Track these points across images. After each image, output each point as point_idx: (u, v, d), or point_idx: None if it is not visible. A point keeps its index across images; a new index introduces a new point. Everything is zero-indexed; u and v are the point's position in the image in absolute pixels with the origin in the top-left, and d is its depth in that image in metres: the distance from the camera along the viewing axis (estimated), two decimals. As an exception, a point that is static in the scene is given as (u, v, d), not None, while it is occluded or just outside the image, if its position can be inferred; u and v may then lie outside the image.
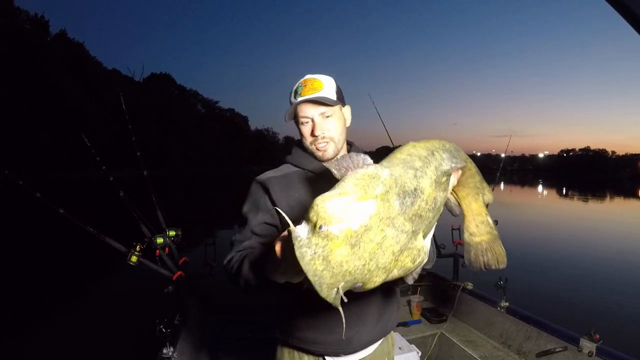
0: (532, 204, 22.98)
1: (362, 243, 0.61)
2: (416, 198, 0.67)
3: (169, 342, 1.91)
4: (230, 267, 1.03)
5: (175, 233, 2.52)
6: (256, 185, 1.15)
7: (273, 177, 1.14)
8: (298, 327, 1.15)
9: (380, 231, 0.62)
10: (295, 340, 1.17)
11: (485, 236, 1.12)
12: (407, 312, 2.92)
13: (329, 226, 0.60)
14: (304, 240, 0.61)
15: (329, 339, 1.13)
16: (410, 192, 0.67)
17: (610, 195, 33.57)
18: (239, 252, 1.05)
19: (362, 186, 0.64)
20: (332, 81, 1.15)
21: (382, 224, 0.62)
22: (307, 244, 0.60)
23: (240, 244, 1.07)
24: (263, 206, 1.12)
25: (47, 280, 6.03)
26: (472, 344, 2.46)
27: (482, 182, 1.09)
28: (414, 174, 0.69)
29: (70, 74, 34.39)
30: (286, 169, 1.18)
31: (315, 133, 1.10)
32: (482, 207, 1.11)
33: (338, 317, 1.07)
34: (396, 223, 0.64)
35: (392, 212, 0.63)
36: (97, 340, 3.86)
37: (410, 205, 0.66)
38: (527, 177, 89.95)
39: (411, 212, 0.66)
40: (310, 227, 0.62)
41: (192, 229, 3.10)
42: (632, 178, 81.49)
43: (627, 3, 0.54)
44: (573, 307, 5.07)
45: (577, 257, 8.23)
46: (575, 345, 2.05)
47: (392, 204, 0.64)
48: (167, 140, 45.88)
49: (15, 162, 23.93)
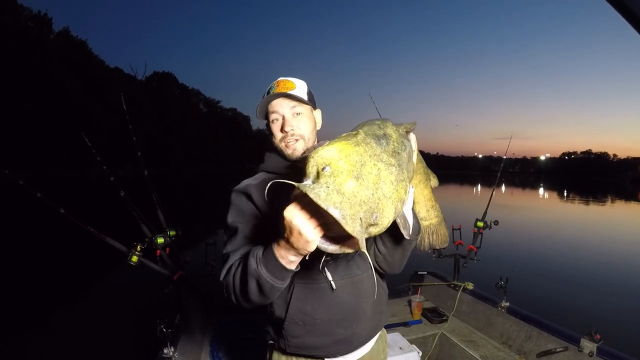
0: (533, 207, 22.96)
1: (364, 175, 0.71)
2: (388, 139, 0.80)
3: (170, 342, 1.92)
4: (232, 277, 0.97)
5: (176, 233, 2.52)
6: (237, 194, 1.12)
7: (251, 184, 1.12)
8: (295, 334, 1.12)
9: (373, 165, 0.73)
10: (293, 348, 1.14)
11: (434, 219, 1.25)
12: (407, 312, 2.92)
13: (331, 165, 0.71)
14: (314, 184, 0.69)
15: (328, 340, 1.12)
16: (381, 135, 0.80)
17: (612, 198, 33.53)
18: (236, 260, 1.00)
19: (344, 138, 0.77)
20: (304, 84, 1.18)
21: (371, 159, 0.73)
22: (318, 186, 0.69)
23: (236, 254, 1.02)
24: (249, 211, 1.08)
25: (47, 280, 6.04)
26: (472, 344, 2.46)
27: (427, 168, 1.20)
28: (377, 127, 0.83)
29: (72, 72, 34.44)
30: (262, 176, 1.17)
31: (285, 129, 1.11)
32: (431, 193, 1.23)
33: (335, 317, 1.08)
34: (382, 158, 0.75)
35: (375, 150, 0.75)
36: (98, 340, 3.86)
37: (386, 144, 0.79)
38: (528, 179, 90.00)
39: (390, 149, 0.79)
40: (313, 176, 0.72)
41: (192, 229, 3.11)
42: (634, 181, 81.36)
43: (629, 4, 0.53)
44: (574, 307, 5.06)
45: (578, 258, 8.23)
46: (575, 345, 2.05)
47: (372, 144, 0.76)
48: (168, 139, 45.92)
49: (16, 160, 24.01)
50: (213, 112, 70.59)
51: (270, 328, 1.20)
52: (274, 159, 1.18)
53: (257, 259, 0.88)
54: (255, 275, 0.88)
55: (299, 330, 1.11)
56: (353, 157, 0.73)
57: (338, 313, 1.10)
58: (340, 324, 1.11)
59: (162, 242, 2.40)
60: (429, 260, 2.81)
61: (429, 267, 3.22)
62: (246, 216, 1.07)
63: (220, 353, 2.34)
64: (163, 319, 1.92)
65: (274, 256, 0.84)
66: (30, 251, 7.97)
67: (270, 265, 0.86)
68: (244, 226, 1.06)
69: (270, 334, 1.20)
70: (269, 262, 0.86)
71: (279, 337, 1.16)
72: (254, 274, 0.88)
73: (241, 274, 0.93)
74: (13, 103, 27.33)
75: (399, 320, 2.78)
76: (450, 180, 12.80)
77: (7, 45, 28.50)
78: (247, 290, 0.92)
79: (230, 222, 1.09)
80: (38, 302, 5.00)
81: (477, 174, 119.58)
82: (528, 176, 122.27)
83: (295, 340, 1.12)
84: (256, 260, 0.88)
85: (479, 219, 2.91)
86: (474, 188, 36.62)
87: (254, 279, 0.89)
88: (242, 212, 1.09)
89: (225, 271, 1.00)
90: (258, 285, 0.89)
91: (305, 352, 1.14)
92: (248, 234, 1.04)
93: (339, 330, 1.12)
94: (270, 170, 1.16)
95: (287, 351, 1.15)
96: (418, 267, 3.25)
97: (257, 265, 0.88)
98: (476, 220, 2.91)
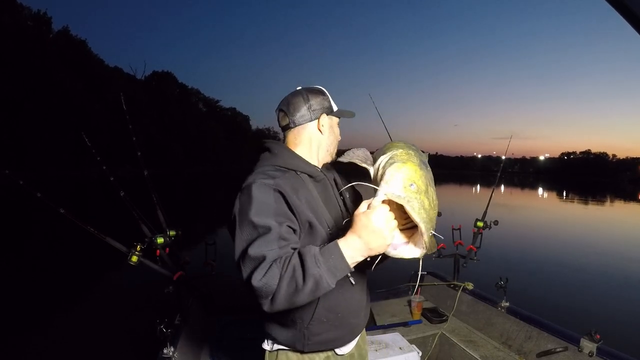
0: (532, 207, 22.97)
1: (430, 196, 0.87)
2: (428, 166, 0.97)
3: (170, 342, 1.92)
4: (275, 279, 0.88)
5: (176, 233, 2.52)
6: (264, 190, 1.03)
7: (280, 180, 1.06)
8: (317, 332, 1.13)
9: (432, 190, 0.88)
10: (312, 346, 1.15)
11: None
12: (407, 312, 2.92)
13: (416, 183, 0.86)
14: (406, 197, 0.84)
15: (344, 332, 1.20)
16: (425, 162, 0.97)
17: (611, 198, 33.53)
18: (274, 261, 0.91)
19: (408, 157, 0.93)
20: None
21: (430, 183, 0.89)
22: (410, 198, 0.83)
23: (272, 254, 0.93)
24: (283, 210, 1.03)
25: (47, 279, 6.04)
26: (472, 344, 2.46)
27: None
28: (417, 151, 1.01)
29: (72, 71, 34.38)
30: (291, 174, 1.13)
31: (338, 138, 1.30)
32: None
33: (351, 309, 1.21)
34: (432, 184, 0.90)
35: (429, 175, 0.91)
36: (98, 340, 3.86)
37: (427, 170, 0.93)
38: (527, 179, 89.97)
39: (429, 175, 0.92)
40: (398, 189, 0.86)
41: (192, 229, 3.11)
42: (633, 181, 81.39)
43: (629, 4, 0.53)
44: (573, 307, 5.07)
45: (578, 258, 8.23)
46: (575, 346, 2.05)
47: (426, 169, 0.92)
48: (168, 139, 45.86)
49: (16, 160, 23.98)
50: (212, 111, 70.48)
51: (283, 332, 1.16)
52: (294, 157, 1.17)
53: (316, 259, 0.87)
54: (315, 277, 0.86)
55: (322, 327, 1.14)
56: (423, 179, 0.88)
57: (353, 305, 1.20)
58: (354, 314, 1.21)
59: (162, 242, 2.40)
60: (429, 260, 2.81)
61: (429, 267, 3.22)
62: (281, 215, 1.01)
63: (220, 353, 2.34)
64: (163, 319, 1.92)
65: (340, 256, 0.87)
66: (30, 251, 7.97)
67: (332, 265, 0.87)
68: (279, 226, 0.98)
69: (280, 339, 1.17)
70: (331, 263, 0.87)
71: (295, 340, 1.14)
72: (314, 275, 0.86)
73: (291, 275, 0.88)
74: (13, 103, 27.29)
75: (399, 320, 2.78)
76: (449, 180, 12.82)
77: (7, 44, 28.44)
78: (297, 292, 0.88)
79: (258, 221, 0.98)
80: (38, 302, 5.00)
81: (477, 174, 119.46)
82: (527, 176, 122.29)
83: (317, 337, 1.14)
84: (315, 261, 0.87)
85: (479, 219, 2.91)
86: (473, 188, 36.64)
87: (312, 280, 0.86)
88: (275, 210, 1.01)
89: (263, 273, 0.89)
90: (315, 286, 0.87)
91: (323, 347, 1.18)
92: (284, 234, 0.97)
93: (353, 321, 1.21)
94: (289, 167, 1.14)
95: (305, 350, 1.15)
96: (418, 267, 3.24)
97: (318, 266, 0.86)
98: (476, 221, 2.91)
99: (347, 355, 1.25)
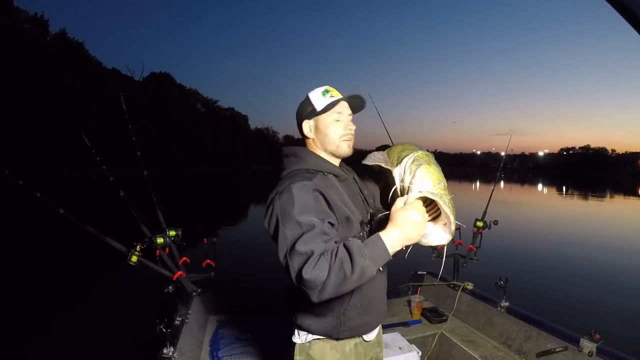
0: (532, 203, 22.97)
1: (447, 192, 1.03)
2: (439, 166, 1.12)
3: (169, 342, 1.92)
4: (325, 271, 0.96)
5: (176, 233, 2.52)
6: (305, 191, 1.13)
7: (317, 181, 1.17)
8: (352, 317, 1.23)
9: (446, 185, 1.04)
10: (347, 332, 1.24)
11: None
12: (407, 312, 2.92)
13: (442, 182, 1.03)
14: (437, 193, 0.99)
15: (373, 316, 1.30)
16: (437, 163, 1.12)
17: (610, 193, 33.51)
18: (321, 255, 0.99)
19: (430, 160, 1.10)
20: None
21: (444, 179, 1.05)
22: (441, 195, 0.99)
23: (319, 248, 1.00)
24: (324, 208, 1.13)
25: (47, 280, 6.03)
26: (472, 344, 2.46)
27: None
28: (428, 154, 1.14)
29: (70, 73, 34.36)
30: (321, 176, 1.22)
31: (348, 127, 1.29)
32: None
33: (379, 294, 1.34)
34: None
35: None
36: (97, 340, 3.86)
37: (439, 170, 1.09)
38: (527, 175, 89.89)
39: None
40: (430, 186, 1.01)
41: (192, 229, 3.11)
42: (632, 176, 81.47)
43: (627, 3, 0.54)
44: (573, 307, 5.07)
45: (578, 257, 8.23)
46: (575, 345, 2.06)
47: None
48: (167, 139, 45.85)
49: (15, 160, 23.95)
50: (211, 111, 70.46)
51: (319, 322, 1.23)
52: (318, 159, 1.27)
53: (361, 251, 0.98)
54: (362, 266, 0.96)
55: (357, 312, 1.23)
56: (444, 177, 1.05)
57: (380, 291, 1.32)
58: (381, 299, 1.33)
59: (161, 242, 2.40)
60: (429, 260, 2.81)
61: (429, 267, 3.22)
62: (322, 212, 1.12)
63: (220, 353, 2.34)
64: (163, 319, 1.92)
65: (383, 247, 0.99)
66: (30, 251, 7.96)
67: (376, 255, 0.98)
68: (321, 222, 1.07)
69: (315, 329, 1.24)
70: (375, 253, 0.98)
71: (331, 327, 1.23)
72: (361, 264, 0.96)
73: (340, 266, 0.96)
74: (12, 104, 27.27)
75: (399, 320, 2.78)
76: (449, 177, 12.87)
77: (5, 46, 28.42)
78: (345, 281, 0.97)
79: (302, 219, 1.07)
80: (38, 302, 5.00)
81: (476, 171, 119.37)
82: (527, 172, 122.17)
83: (351, 322, 1.23)
84: (361, 252, 0.97)
85: (479, 218, 2.92)
86: (472, 185, 36.61)
87: (358, 269, 0.96)
88: (316, 208, 1.11)
89: (313, 265, 0.97)
90: (360, 275, 0.97)
91: (355, 332, 1.27)
92: (326, 229, 1.07)
93: (381, 306, 1.33)
94: (317, 169, 1.24)
95: (340, 337, 1.24)
96: (418, 267, 3.25)
97: (363, 257, 0.97)
98: (476, 220, 2.91)
99: (371, 342, 1.35)
